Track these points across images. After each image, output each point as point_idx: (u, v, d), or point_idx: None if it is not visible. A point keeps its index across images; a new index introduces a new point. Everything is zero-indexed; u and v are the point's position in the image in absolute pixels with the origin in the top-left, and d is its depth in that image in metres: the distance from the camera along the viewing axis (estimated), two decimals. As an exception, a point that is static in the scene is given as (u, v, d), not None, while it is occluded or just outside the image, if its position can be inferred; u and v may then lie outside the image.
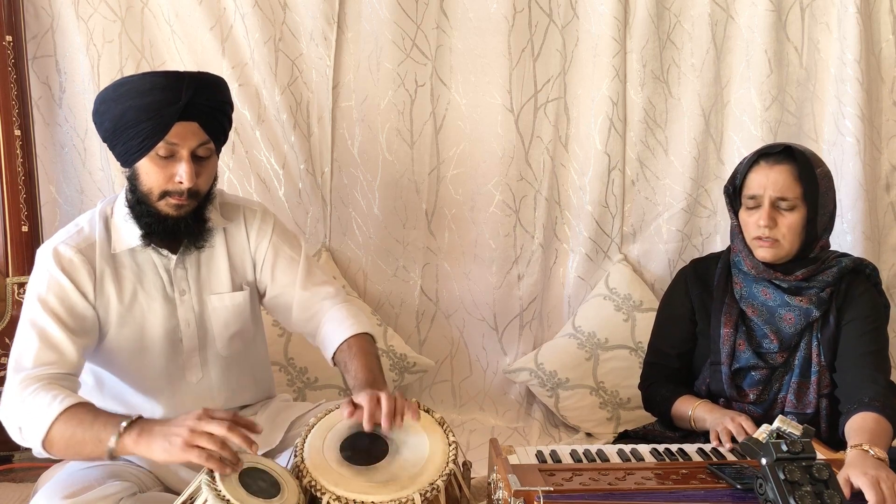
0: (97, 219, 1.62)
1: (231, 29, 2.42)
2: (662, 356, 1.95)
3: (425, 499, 1.36)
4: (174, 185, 1.53)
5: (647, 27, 2.50)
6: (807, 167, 1.75)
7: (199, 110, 1.52)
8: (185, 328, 1.66)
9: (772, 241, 1.76)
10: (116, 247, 1.59)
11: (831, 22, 2.51)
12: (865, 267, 1.84)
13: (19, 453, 2.15)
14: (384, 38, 2.47)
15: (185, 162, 1.52)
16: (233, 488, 1.28)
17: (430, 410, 1.58)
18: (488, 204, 2.60)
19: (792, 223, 1.75)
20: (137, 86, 1.50)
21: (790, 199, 1.74)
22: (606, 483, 1.43)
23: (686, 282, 1.94)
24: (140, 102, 1.48)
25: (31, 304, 1.53)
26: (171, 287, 1.64)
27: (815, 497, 1.28)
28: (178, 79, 1.51)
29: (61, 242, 1.57)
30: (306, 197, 2.54)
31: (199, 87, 1.52)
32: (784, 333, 1.80)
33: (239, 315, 1.72)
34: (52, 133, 2.42)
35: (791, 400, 1.79)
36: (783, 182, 1.74)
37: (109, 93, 1.53)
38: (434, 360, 2.64)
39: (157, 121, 1.48)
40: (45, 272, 1.54)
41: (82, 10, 2.34)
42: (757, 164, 1.78)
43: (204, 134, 1.54)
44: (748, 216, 1.79)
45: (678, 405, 1.84)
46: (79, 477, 1.45)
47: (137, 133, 1.49)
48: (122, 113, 1.50)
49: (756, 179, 1.77)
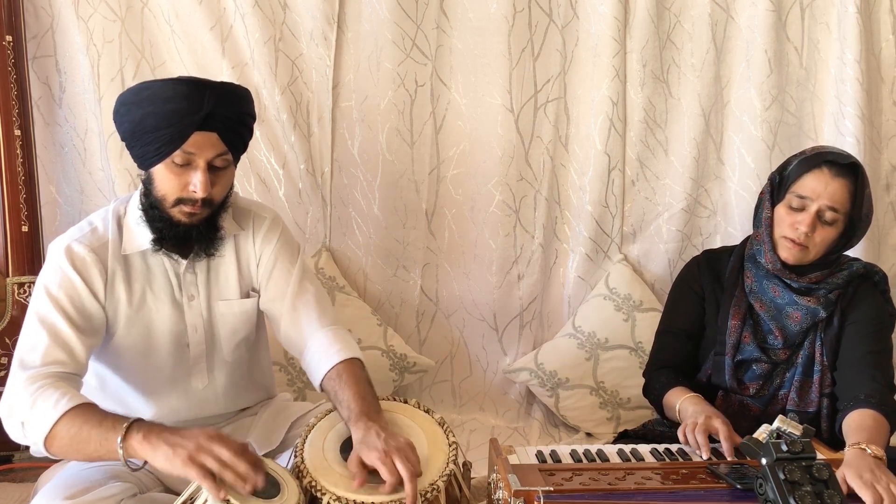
0: (110, 218, 1.61)
1: (231, 29, 2.42)
2: (672, 337, 1.93)
3: (425, 499, 1.36)
4: (188, 193, 1.52)
5: (647, 27, 2.50)
6: (861, 188, 1.72)
7: (220, 121, 1.50)
8: (192, 333, 1.65)
9: (802, 247, 1.74)
10: (127, 248, 1.58)
11: (831, 22, 2.50)
12: (875, 273, 1.84)
13: (19, 453, 2.15)
14: (384, 38, 2.47)
15: (201, 172, 1.51)
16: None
17: (430, 410, 1.58)
18: (488, 204, 2.60)
19: (826, 237, 1.73)
20: (160, 92, 1.48)
21: (838, 213, 1.72)
22: (606, 483, 1.43)
23: (698, 269, 1.94)
24: (161, 109, 1.47)
25: (41, 300, 1.51)
26: (179, 292, 1.63)
27: (815, 497, 1.28)
28: (201, 88, 1.49)
29: (75, 240, 1.56)
30: (306, 197, 2.54)
31: (222, 98, 1.50)
32: (789, 331, 1.80)
33: (247, 322, 1.71)
34: (52, 133, 2.42)
35: (793, 398, 1.79)
36: (839, 196, 1.71)
37: (131, 96, 1.52)
38: (434, 360, 2.64)
39: (175, 129, 1.47)
40: (58, 268, 1.53)
41: (82, 10, 2.34)
42: (819, 168, 1.72)
43: (222, 145, 1.52)
44: (787, 214, 1.75)
45: (670, 395, 1.82)
46: (79, 478, 1.44)
47: (156, 139, 1.48)
48: (142, 118, 1.48)
49: (812, 183, 1.72)
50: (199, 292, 1.65)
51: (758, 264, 1.83)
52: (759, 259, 1.82)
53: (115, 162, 2.38)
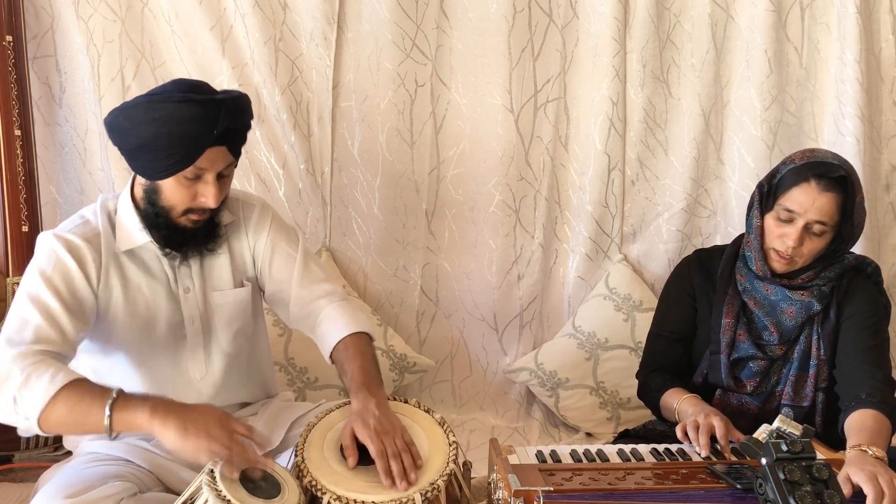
0: (100, 212, 1.61)
1: (231, 29, 2.42)
2: (664, 340, 1.93)
3: (426, 498, 1.36)
4: (198, 203, 1.53)
5: (647, 27, 2.50)
6: (852, 198, 1.70)
7: (230, 136, 1.51)
8: (189, 325, 1.66)
9: (789, 259, 1.73)
10: (121, 245, 1.59)
11: (831, 22, 2.51)
12: (868, 265, 1.84)
13: (19, 453, 2.16)
14: (384, 38, 2.47)
15: (212, 185, 1.51)
16: (233, 488, 1.29)
17: (430, 410, 1.58)
18: (488, 204, 2.60)
19: (815, 248, 1.73)
20: (175, 114, 1.45)
21: (826, 226, 1.70)
22: (606, 483, 1.43)
23: (690, 269, 1.94)
24: (176, 130, 1.45)
25: (33, 280, 1.49)
26: (175, 284, 1.63)
27: (815, 497, 1.28)
28: (216, 108, 1.47)
29: (67, 231, 1.55)
30: (306, 197, 2.54)
31: (234, 114, 1.49)
32: (784, 326, 1.80)
33: (242, 311, 1.72)
34: (52, 133, 2.42)
35: (788, 392, 1.79)
36: (827, 209, 1.69)
37: (140, 112, 1.48)
38: (434, 360, 2.64)
39: (190, 148, 1.47)
40: (52, 252, 1.52)
41: (82, 10, 2.34)
42: (807, 181, 1.69)
43: (230, 156, 1.54)
44: (775, 225, 1.74)
45: (667, 396, 1.83)
46: (79, 477, 1.44)
47: (168, 156, 1.47)
48: (154, 137, 1.46)
49: (800, 197, 1.69)
50: (194, 284, 1.65)
51: (750, 267, 1.84)
52: (750, 265, 1.82)
53: (115, 162, 2.38)
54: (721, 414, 1.67)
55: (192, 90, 1.50)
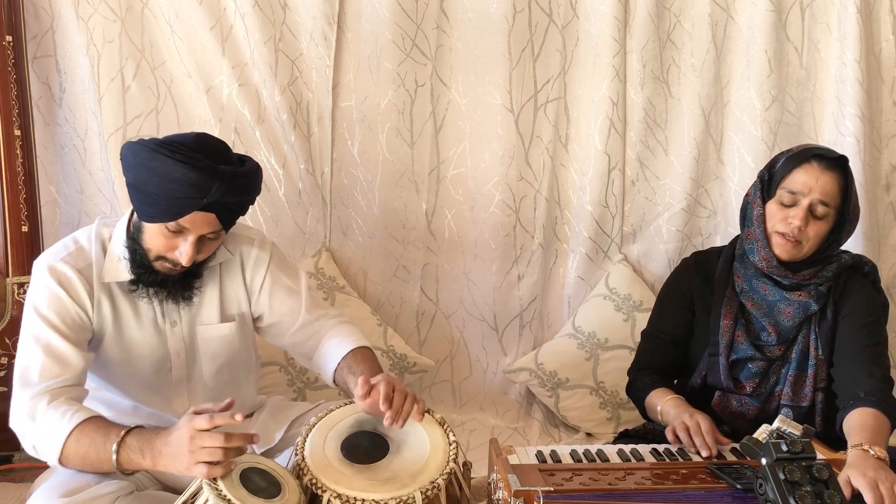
0: (94, 239, 1.61)
1: (231, 29, 2.42)
2: (657, 341, 1.94)
3: (426, 497, 1.36)
4: (173, 255, 1.54)
5: (647, 27, 2.50)
6: (851, 181, 1.74)
7: (220, 206, 1.50)
8: (175, 358, 1.67)
9: (795, 242, 1.74)
10: (107, 276, 1.59)
11: (831, 22, 2.51)
12: (864, 264, 1.84)
13: (19, 453, 2.15)
14: (384, 38, 2.47)
15: (190, 245, 1.51)
16: (234, 488, 1.29)
17: (430, 410, 1.58)
18: (488, 204, 2.60)
19: (819, 231, 1.74)
20: (170, 169, 1.44)
21: (829, 206, 1.73)
22: (606, 483, 1.43)
23: (688, 272, 1.94)
24: (165, 184, 1.45)
25: (32, 319, 1.54)
26: (162, 318, 1.65)
27: (815, 497, 1.28)
28: (211, 178, 1.45)
29: (59, 259, 1.56)
30: (306, 197, 2.54)
31: (230, 189, 1.48)
32: (783, 326, 1.80)
33: (227, 346, 1.72)
34: (52, 133, 2.42)
35: (787, 392, 1.79)
36: (830, 189, 1.72)
37: (143, 155, 1.48)
38: (434, 360, 2.64)
39: (175, 206, 1.47)
40: (44, 287, 1.55)
41: (82, 10, 2.34)
42: (808, 162, 1.74)
43: (218, 224, 1.53)
44: (779, 210, 1.76)
45: (652, 396, 1.84)
46: (75, 476, 1.45)
47: (155, 203, 1.48)
48: (146, 182, 1.47)
49: (802, 178, 1.74)
50: (181, 318, 1.66)
51: (747, 264, 1.84)
52: (751, 258, 1.81)
53: (115, 162, 2.37)
54: (703, 413, 1.69)
55: (201, 151, 1.47)
